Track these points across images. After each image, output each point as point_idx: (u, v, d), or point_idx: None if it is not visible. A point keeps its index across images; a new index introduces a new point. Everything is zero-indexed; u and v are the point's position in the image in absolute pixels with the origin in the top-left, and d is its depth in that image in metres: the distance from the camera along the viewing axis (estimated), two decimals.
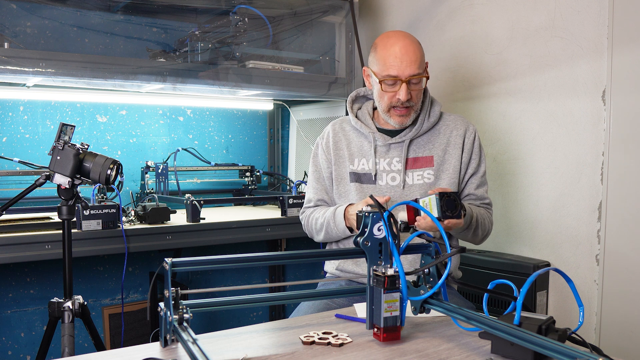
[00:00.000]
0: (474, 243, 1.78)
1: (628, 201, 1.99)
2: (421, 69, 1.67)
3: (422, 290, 1.19)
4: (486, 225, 1.73)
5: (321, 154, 1.85)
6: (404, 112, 1.70)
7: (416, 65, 1.65)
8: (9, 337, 2.55)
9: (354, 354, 1.04)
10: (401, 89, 1.65)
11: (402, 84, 1.65)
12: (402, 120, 1.72)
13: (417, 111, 1.73)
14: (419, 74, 1.66)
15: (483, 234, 1.74)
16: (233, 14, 2.40)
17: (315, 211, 1.83)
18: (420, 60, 1.66)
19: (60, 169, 1.68)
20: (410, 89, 1.66)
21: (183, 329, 1.00)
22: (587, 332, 2.08)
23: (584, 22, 2.10)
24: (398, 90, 1.66)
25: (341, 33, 2.75)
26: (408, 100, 1.67)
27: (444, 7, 2.63)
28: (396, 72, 1.65)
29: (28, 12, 2.34)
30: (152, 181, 2.68)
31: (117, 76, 2.13)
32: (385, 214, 1.11)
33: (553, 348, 0.85)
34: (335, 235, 1.74)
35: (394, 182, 1.74)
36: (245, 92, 2.57)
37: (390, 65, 1.65)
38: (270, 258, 1.27)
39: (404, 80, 1.65)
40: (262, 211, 2.78)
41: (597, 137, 2.07)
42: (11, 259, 1.90)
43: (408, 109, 1.70)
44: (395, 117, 1.71)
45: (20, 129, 2.55)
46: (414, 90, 1.68)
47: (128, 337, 2.74)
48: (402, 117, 1.71)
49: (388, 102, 1.70)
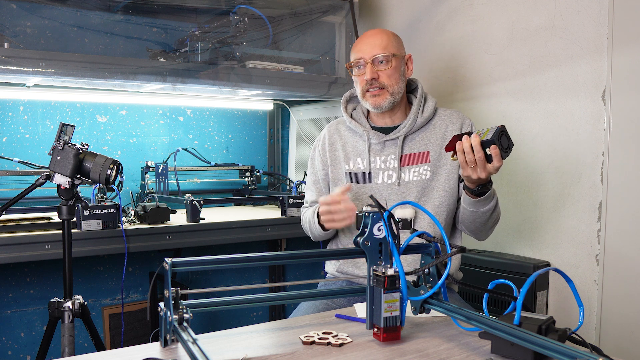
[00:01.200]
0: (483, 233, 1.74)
1: (628, 201, 1.99)
2: (387, 52, 1.72)
3: (422, 290, 1.19)
4: (499, 211, 1.72)
5: (317, 156, 1.87)
6: (376, 93, 1.72)
7: (380, 47, 1.72)
8: (9, 337, 2.55)
9: (354, 354, 1.04)
10: (367, 68, 1.72)
11: (367, 64, 1.72)
12: (375, 102, 1.73)
13: (395, 95, 1.74)
14: (382, 54, 1.71)
15: (496, 220, 1.71)
16: (233, 14, 2.40)
17: (307, 211, 1.86)
18: (385, 44, 1.73)
19: (60, 169, 1.68)
20: (377, 68, 1.72)
21: (183, 329, 1.00)
22: (587, 332, 2.08)
23: (584, 22, 2.10)
24: (365, 72, 1.73)
25: (341, 33, 2.75)
26: (375, 80, 1.71)
27: (444, 7, 2.63)
28: (361, 54, 1.74)
29: (28, 12, 2.33)
30: (152, 181, 2.68)
31: (117, 76, 2.13)
32: (385, 214, 1.11)
33: (553, 348, 0.85)
34: (318, 234, 1.77)
35: (390, 179, 1.74)
36: (245, 92, 2.57)
37: (357, 50, 1.76)
38: (270, 258, 1.27)
39: (367, 60, 1.72)
40: (262, 211, 2.78)
41: (597, 137, 2.07)
42: (11, 259, 1.90)
43: (381, 90, 1.72)
44: (369, 98, 1.74)
45: (20, 129, 2.55)
46: (381, 70, 1.72)
47: (128, 337, 2.74)
48: (375, 97, 1.73)
49: (361, 87, 1.75)
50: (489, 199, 1.60)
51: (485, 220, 1.67)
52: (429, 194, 1.72)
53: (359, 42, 1.77)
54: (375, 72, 1.71)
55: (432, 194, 1.72)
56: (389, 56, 1.72)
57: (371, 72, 1.71)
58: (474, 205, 1.62)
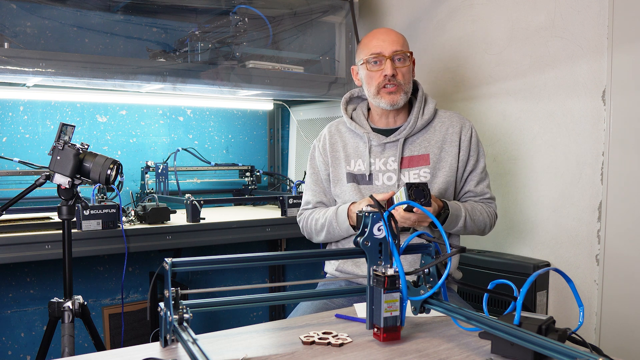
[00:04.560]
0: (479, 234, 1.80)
1: (628, 201, 1.99)
2: (406, 49, 1.73)
3: (422, 290, 1.19)
4: (484, 218, 1.74)
5: (318, 156, 1.86)
6: (394, 90, 1.71)
7: (399, 44, 1.72)
8: (9, 337, 2.55)
9: (354, 354, 1.04)
10: (386, 64, 1.70)
11: (387, 60, 1.70)
12: (392, 99, 1.72)
13: (407, 94, 1.74)
14: (402, 51, 1.71)
15: (481, 227, 1.75)
16: (233, 14, 2.40)
17: (314, 212, 1.83)
18: (402, 42, 1.74)
19: (60, 169, 1.68)
20: (396, 66, 1.71)
21: (183, 329, 1.00)
22: (587, 332, 2.08)
23: (584, 22, 2.10)
24: (384, 68, 1.70)
25: (341, 33, 2.75)
26: (395, 77, 1.70)
27: (444, 7, 2.63)
28: (380, 49, 1.72)
29: (28, 12, 2.33)
30: (152, 181, 2.68)
31: (117, 76, 2.13)
32: (385, 214, 1.11)
33: (553, 348, 0.85)
34: (337, 234, 1.74)
35: (390, 181, 1.73)
36: (245, 92, 2.57)
37: (374, 46, 1.73)
38: (270, 258, 1.27)
39: (387, 56, 1.70)
40: (262, 211, 2.78)
41: (597, 137, 2.07)
42: (11, 259, 1.90)
43: (397, 87, 1.71)
44: (385, 95, 1.72)
45: (20, 129, 2.55)
46: (400, 67, 1.71)
47: (128, 337, 2.74)
48: (392, 94, 1.71)
49: (376, 83, 1.72)
50: (452, 223, 1.67)
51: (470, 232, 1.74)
52: None
53: (374, 37, 1.74)
54: (395, 68, 1.70)
55: None
56: (408, 54, 1.72)
57: (391, 68, 1.69)
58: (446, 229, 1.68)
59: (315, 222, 1.80)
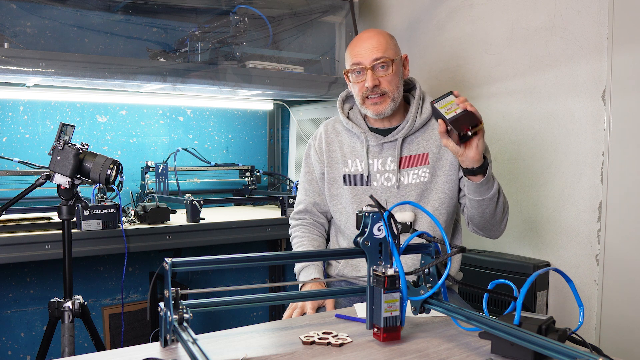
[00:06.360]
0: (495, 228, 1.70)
1: (628, 201, 1.99)
2: (387, 56, 1.66)
3: (422, 290, 1.18)
4: (506, 201, 1.66)
5: (313, 155, 1.83)
6: (378, 100, 1.67)
7: (380, 50, 1.65)
8: (9, 337, 2.55)
9: (354, 354, 1.04)
10: (367, 75, 1.66)
11: (367, 70, 1.66)
12: (377, 109, 1.68)
13: (395, 100, 1.69)
14: (383, 58, 1.65)
15: (504, 209, 1.66)
16: (233, 14, 2.39)
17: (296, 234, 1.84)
18: (384, 47, 1.66)
19: (60, 169, 1.68)
20: (377, 75, 1.66)
21: (183, 329, 1.00)
22: (587, 332, 2.08)
23: (584, 22, 2.10)
24: (365, 79, 1.67)
25: (341, 33, 2.75)
26: (377, 87, 1.66)
27: (444, 7, 2.63)
28: (359, 59, 1.67)
29: (28, 12, 2.34)
30: (152, 181, 2.68)
31: (117, 76, 2.13)
32: (385, 214, 1.11)
33: (553, 348, 0.85)
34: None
35: (389, 182, 1.71)
36: (245, 92, 2.57)
37: (354, 55, 1.69)
38: (270, 258, 1.27)
39: (367, 66, 1.66)
40: (262, 211, 2.78)
41: (597, 137, 2.07)
42: (11, 259, 1.90)
43: (382, 97, 1.67)
44: (370, 106, 1.69)
45: (20, 129, 2.55)
46: (382, 76, 1.66)
47: (128, 337, 2.74)
48: (376, 105, 1.68)
49: (360, 93, 1.69)
50: (490, 181, 1.56)
51: (493, 211, 1.62)
52: (428, 196, 1.70)
53: (355, 45, 1.70)
54: (376, 78, 1.65)
55: (431, 196, 1.70)
56: (389, 61, 1.66)
57: (372, 79, 1.65)
58: (478, 192, 1.57)
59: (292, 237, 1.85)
